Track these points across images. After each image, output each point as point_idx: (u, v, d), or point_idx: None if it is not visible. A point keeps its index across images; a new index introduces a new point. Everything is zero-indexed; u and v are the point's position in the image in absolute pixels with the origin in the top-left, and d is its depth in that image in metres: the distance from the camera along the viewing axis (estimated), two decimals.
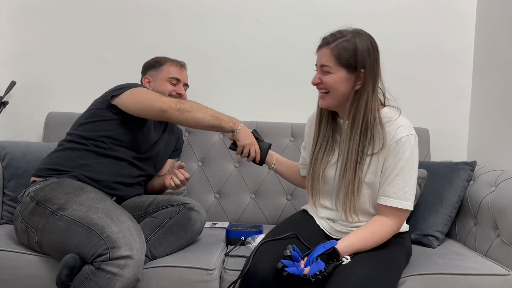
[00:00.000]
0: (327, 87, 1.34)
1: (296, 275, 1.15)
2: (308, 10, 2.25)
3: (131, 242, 1.29)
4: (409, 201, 1.31)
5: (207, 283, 1.40)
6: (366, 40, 1.30)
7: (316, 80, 1.36)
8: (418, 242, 1.66)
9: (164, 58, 1.87)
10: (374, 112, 1.31)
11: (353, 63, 1.29)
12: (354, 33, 1.31)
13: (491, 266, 1.44)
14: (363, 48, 1.29)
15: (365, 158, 1.32)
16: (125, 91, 1.60)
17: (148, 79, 1.85)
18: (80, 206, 1.38)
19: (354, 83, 1.30)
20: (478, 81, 2.21)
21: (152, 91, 1.65)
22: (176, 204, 1.58)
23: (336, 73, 1.31)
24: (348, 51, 1.28)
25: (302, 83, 2.25)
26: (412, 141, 1.31)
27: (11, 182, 1.80)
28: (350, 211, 1.35)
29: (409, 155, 1.30)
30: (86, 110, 1.70)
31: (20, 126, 2.28)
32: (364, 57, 1.28)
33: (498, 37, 2.03)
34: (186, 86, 1.90)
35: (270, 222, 2.05)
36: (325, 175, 1.43)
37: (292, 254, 1.19)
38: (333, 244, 1.22)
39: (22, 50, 2.27)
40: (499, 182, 1.61)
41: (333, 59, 1.30)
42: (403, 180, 1.30)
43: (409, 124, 1.33)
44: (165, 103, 1.49)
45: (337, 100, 1.34)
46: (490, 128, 2.07)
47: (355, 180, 1.32)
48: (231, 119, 1.53)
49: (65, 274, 1.28)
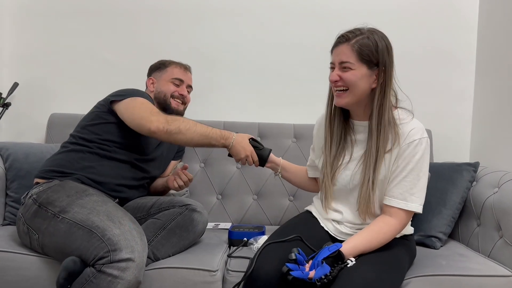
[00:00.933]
0: (347, 84, 1.32)
1: (302, 279, 1.14)
2: (310, 10, 2.25)
3: (133, 244, 1.29)
4: (416, 203, 1.31)
5: (210, 285, 1.40)
6: (385, 38, 1.32)
7: (335, 77, 1.33)
8: (421, 243, 1.66)
9: (169, 61, 1.89)
10: (390, 110, 1.31)
11: (374, 60, 1.29)
12: (371, 31, 1.32)
13: (494, 267, 1.44)
14: (383, 45, 1.30)
15: (382, 157, 1.32)
16: (125, 99, 1.60)
17: (152, 80, 1.85)
18: (82, 208, 1.38)
19: (373, 80, 1.31)
20: (481, 82, 2.20)
21: (146, 105, 1.58)
22: (178, 206, 1.58)
23: (357, 69, 1.30)
24: (369, 48, 1.29)
25: (304, 84, 2.26)
26: (423, 145, 1.30)
27: (14, 183, 1.80)
28: (366, 211, 1.35)
29: (419, 158, 1.30)
30: (90, 112, 1.70)
31: (22, 127, 2.28)
32: (384, 55, 1.29)
33: (500, 38, 2.02)
34: (190, 88, 1.90)
35: (272, 223, 2.04)
36: (337, 177, 1.41)
37: (297, 257, 1.19)
38: (338, 247, 1.22)
39: (24, 51, 2.27)
40: (502, 183, 1.60)
41: (355, 55, 1.30)
42: (410, 182, 1.30)
43: (422, 127, 1.33)
44: (153, 124, 1.45)
45: (356, 97, 1.33)
46: (492, 129, 2.07)
47: (374, 180, 1.32)
48: (222, 135, 1.46)
49: (63, 277, 1.28)
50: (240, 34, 2.27)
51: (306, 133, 2.09)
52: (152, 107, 1.57)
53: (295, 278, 1.15)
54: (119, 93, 1.65)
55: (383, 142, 1.31)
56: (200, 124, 1.48)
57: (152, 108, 1.56)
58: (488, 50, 2.14)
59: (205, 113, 2.25)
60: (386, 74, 1.30)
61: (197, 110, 2.24)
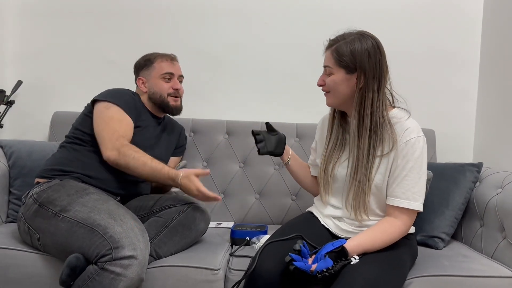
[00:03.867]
0: (328, 88, 1.39)
1: (303, 270, 1.15)
2: (313, 10, 2.25)
3: (135, 242, 1.29)
4: (418, 201, 1.32)
5: (212, 283, 1.40)
6: (369, 42, 1.33)
7: (320, 82, 1.42)
8: (423, 243, 1.66)
9: (154, 55, 1.83)
10: (382, 111, 1.33)
11: (351, 65, 1.32)
12: (358, 35, 1.34)
13: (497, 268, 1.43)
14: (363, 50, 1.31)
15: (375, 158, 1.34)
16: (103, 101, 1.62)
17: (142, 80, 1.81)
18: (83, 207, 1.38)
19: (355, 83, 1.33)
20: (484, 82, 2.19)
21: (113, 124, 1.58)
22: (181, 204, 1.58)
23: (336, 74, 1.36)
24: (345, 53, 1.32)
25: (307, 84, 2.25)
26: (421, 143, 1.32)
27: (17, 181, 1.81)
28: (360, 210, 1.36)
29: (418, 156, 1.31)
30: (80, 113, 1.72)
31: (26, 125, 2.29)
32: (363, 59, 1.31)
33: (504, 38, 2.01)
34: (181, 77, 1.86)
35: (274, 222, 2.04)
36: (335, 173, 1.44)
37: (301, 249, 1.20)
38: (342, 243, 1.23)
39: (28, 49, 2.28)
40: (505, 183, 1.60)
41: (333, 60, 1.35)
42: (412, 180, 1.31)
43: (417, 126, 1.35)
44: (106, 153, 1.53)
45: (338, 99, 1.38)
46: (496, 129, 2.06)
47: (365, 180, 1.34)
48: (169, 176, 1.49)
49: (66, 273, 1.28)
50: (244, 34, 2.27)
51: (309, 132, 2.09)
52: (116, 128, 1.57)
53: (296, 268, 1.15)
54: (103, 93, 1.67)
55: (378, 143, 1.33)
56: (151, 161, 1.51)
57: (115, 129, 1.57)
58: (492, 50, 2.13)
59: (208, 112, 2.25)
60: (366, 78, 1.31)
61: (200, 109, 2.24)
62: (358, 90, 1.33)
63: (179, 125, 1.99)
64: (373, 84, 1.31)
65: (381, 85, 1.33)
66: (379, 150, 1.34)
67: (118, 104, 1.62)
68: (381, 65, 1.33)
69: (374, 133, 1.33)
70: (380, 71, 1.33)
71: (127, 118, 1.63)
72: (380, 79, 1.32)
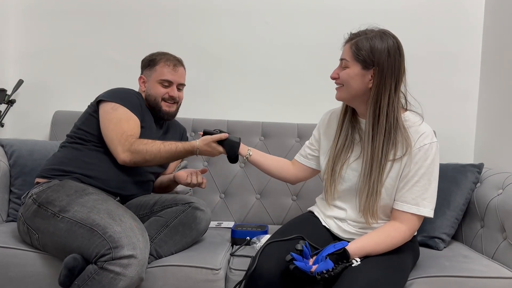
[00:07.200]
0: (341, 81, 1.36)
1: (303, 270, 1.14)
2: (316, 10, 2.25)
3: (134, 241, 1.29)
4: (427, 208, 1.30)
5: (212, 283, 1.40)
6: (390, 41, 1.31)
7: (334, 74, 1.39)
8: (424, 244, 1.66)
9: (160, 56, 1.78)
10: (396, 113, 1.31)
11: (369, 60, 1.30)
12: (380, 32, 1.33)
13: (498, 269, 1.43)
14: (383, 47, 1.29)
15: (387, 162, 1.32)
16: (109, 101, 1.61)
17: (143, 79, 1.79)
18: (82, 207, 1.38)
19: (370, 80, 1.31)
20: (486, 82, 2.19)
21: (121, 124, 1.58)
22: (181, 203, 1.58)
23: (351, 68, 1.33)
24: (365, 48, 1.30)
25: (308, 84, 2.26)
26: (434, 149, 1.30)
27: (18, 180, 1.81)
28: (370, 213, 1.34)
29: (431, 163, 1.30)
30: (83, 112, 1.71)
31: (27, 124, 2.29)
32: (382, 56, 1.29)
33: (506, 39, 2.01)
34: (182, 86, 1.82)
35: (275, 222, 2.04)
36: (343, 174, 1.42)
37: (303, 249, 1.19)
38: (343, 245, 1.22)
39: (29, 49, 2.28)
40: (506, 184, 1.60)
41: (351, 54, 1.33)
42: (422, 187, 1.29)
43: (431, 131, 1.33)
44: (120, 157, 1.53)
45: (349, 94, 1.36)
46: (497, 130, 2.06)
47: (378, 183, 1.32)
48: (186, 149, 1.53)
49: (64, 274, 1.28)
50: (246, 34, 2.27)
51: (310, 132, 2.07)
52: (124, 129, 1.56)
53: (296, 268, 1.14)
54: (108, 93, 1.66)
55: (391, 145, 1.31)
56: (164, 146, 1.53)
57: (123, 130, 1.56)
58: (493, 51, 2.13)
59: (209, 111, 2.25)
60: (383, 76, 1.29)
61: (202, 109, 2.24)
62: (375, 87, 1.30)
63: (181, 126, 1.98)
64: (390, 83, 1.30)
65: (398, 86, 1.32)
66: (392, 154, 1.32)
67: (125, 105, 1.62)
68: (399, 65, 1.31)
69: (388, 134, 1.31)
70: (398, 72, 1.31)
71: (134, 116, 1.63)
72: (397, 79, 1.31)
